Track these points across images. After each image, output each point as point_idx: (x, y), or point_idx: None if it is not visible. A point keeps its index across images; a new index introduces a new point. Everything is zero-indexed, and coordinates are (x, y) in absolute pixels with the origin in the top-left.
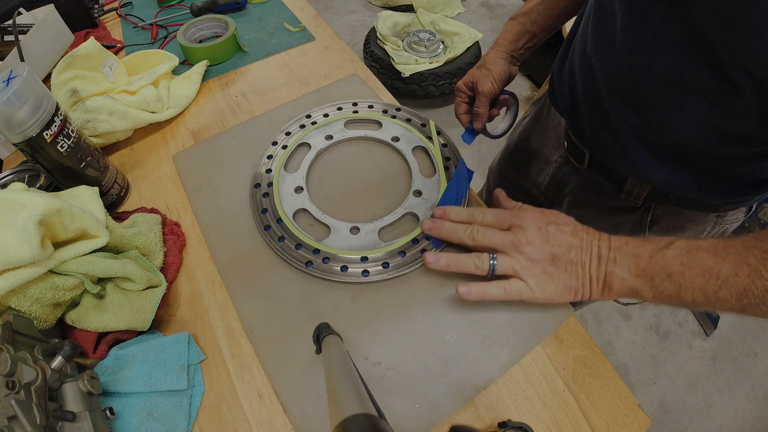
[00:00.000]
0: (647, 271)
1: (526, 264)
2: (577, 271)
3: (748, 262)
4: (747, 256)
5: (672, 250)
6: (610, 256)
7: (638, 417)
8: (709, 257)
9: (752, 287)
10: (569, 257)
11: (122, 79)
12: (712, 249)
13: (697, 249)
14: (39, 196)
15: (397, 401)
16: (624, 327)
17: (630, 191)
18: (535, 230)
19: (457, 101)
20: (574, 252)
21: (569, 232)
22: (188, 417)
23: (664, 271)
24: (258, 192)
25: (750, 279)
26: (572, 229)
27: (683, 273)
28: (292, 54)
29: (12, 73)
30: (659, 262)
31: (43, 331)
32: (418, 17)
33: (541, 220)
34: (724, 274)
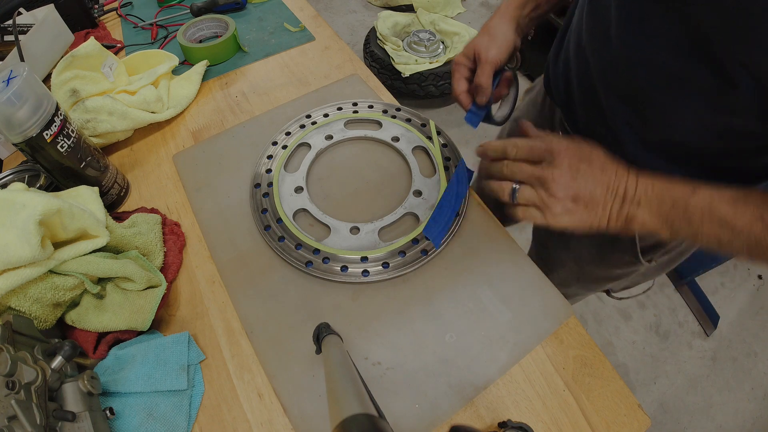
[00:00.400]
0: (669, 217)
1: (547, 199)
2: (597, 211)
3: (763, 218)
4: (764, 211)
5: (695, 198)
6: (635, 199)
7: (638, 417)
8: (729, 209)
9: (764, 240)
10: (593, 196)
11: (122, 79)
12: (732, 201)
13: (720, 200)
14: (39, 196)
15: (397, 401)
16: (624, 327)
17: None
18: (566, 167)
19: (455, 78)
20: (599, 191)
21: (599, 171)
22: (188, 417)
23: (685, 217)
24: (258, 192)
25: (763, 234)
26: (602, 167)
27: (702, 222)
28: (292, 54)
29: (12, 73)
30: (681, 208)
31: (43, 331)
32: (418, 17)
33: (574, 157)
34: (739, 226)
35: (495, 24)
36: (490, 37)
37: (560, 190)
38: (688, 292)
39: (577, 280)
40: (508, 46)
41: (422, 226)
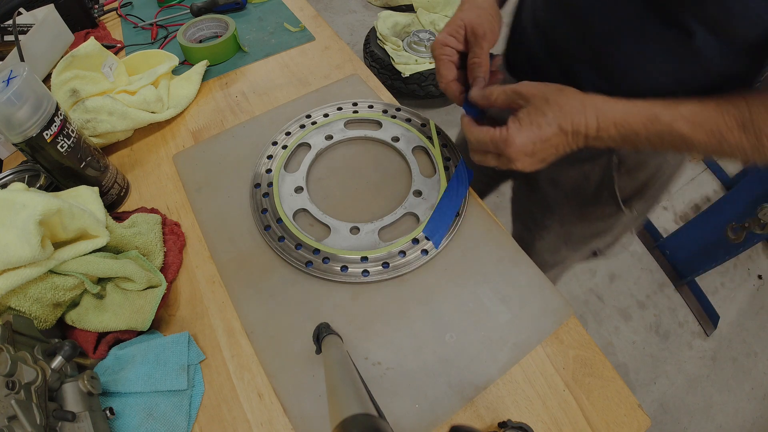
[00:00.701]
0: (630, 140)
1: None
2: (559, 156)
3: (719, 130)
4: (719, 124)
5: (656, 125)
6: (597, 136)
7: (638, 417)
8: (687, 127)
9: (719, 149)
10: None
11: (122, 79)
12: (691, 118)
13: (678, 121)
14: (39, 196)
15: (397, 401)
16: (624, 327)
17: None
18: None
19: (443, 62)
20: (561, 148)
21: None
22: (188, 417)
23: (646, 141)
24: (258, 192)
25: (719, 144)
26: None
27: (662, 141)
28: (292, 54)
29: (12, 73)
30: (642, 136)
31: (43, 331)
32: (418, 17)
33: (527, 146)
34: (697, 140)
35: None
36: (479, 10)
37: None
38: (688, 292)
39: (564, 243)
40: (499, 21)
41: (422, 226)
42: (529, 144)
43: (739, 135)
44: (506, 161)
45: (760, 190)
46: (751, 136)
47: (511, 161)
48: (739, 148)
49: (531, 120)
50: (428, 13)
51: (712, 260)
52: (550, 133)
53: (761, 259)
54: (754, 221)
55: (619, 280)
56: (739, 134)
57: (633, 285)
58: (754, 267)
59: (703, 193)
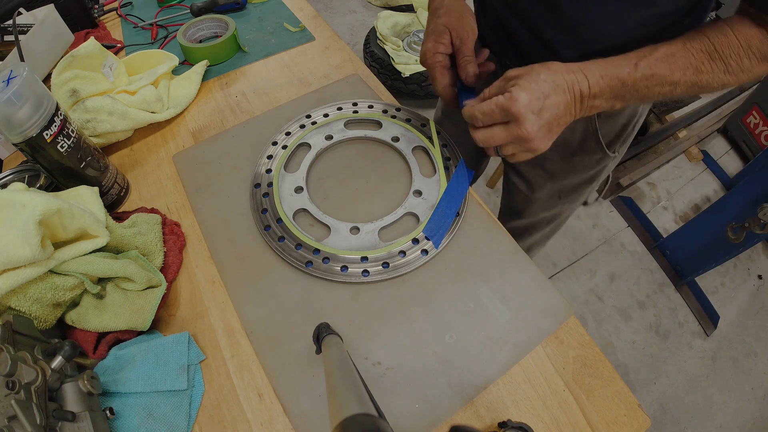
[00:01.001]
0: (620, 94)
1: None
2: (566, 118)
3: (691, 64)
4: (690, 58)
5: (639, 71)
6: (590, 94)
7: (638, 417)
8: (665, 68)
9: (697, 81)
10: (559, 113)
11: (122, 79)
12: (666, 59)
13: (657, 63)
14: (39, 196)
15: (397, 401)
16: (624, 327)
17: None
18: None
19: (438, 70)
20: (563, 107)
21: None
22: (188, 417)
23: (633, 89)
24: (258, 192)
25: (695, 76)
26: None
27: (648, 87)
28: (292, 54)
29: (12, 73)
30: (629, 85)
31: (43, 331)
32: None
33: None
34: (677, 78)
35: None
36: (456, 13)
37: (533, 133)
38: (688, 292)
39: (559, 198)
40: (473, 15)
41: (422, 226)
42: (534, 100)
43: (709, 64)
44: (515, 127)
45: (760, 190)
46: (719, 62)
47: (520, 122)
48: (714, 77)
49: (529, 80)
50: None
51: (712, 260)
52: (548, 88)
53: (761, 259)
54: (754, 221)
55: (619, 280)
56: (710, 63)
57: (633, 285)
58: (754, 267)
59: (703, 193)
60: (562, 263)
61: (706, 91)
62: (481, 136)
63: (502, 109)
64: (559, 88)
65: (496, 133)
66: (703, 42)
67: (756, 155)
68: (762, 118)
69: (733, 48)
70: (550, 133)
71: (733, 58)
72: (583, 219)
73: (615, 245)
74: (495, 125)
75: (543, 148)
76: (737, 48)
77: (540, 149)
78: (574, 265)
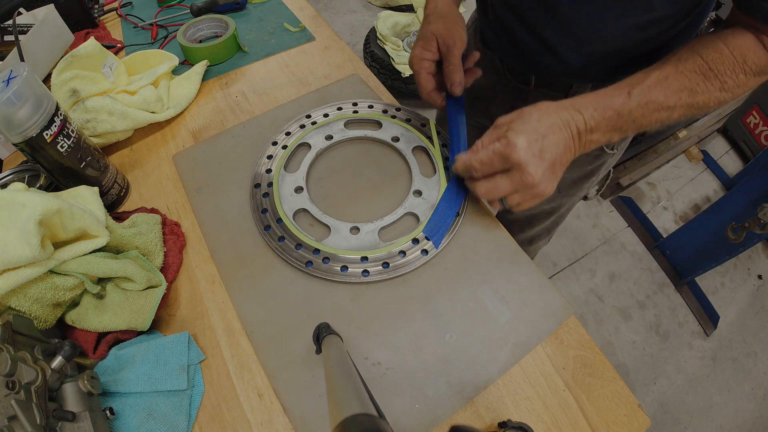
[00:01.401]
0: (617, 126)
1: (534, 190)
2: (567, 156)
3: (685, 85)
4: (684, 81)
5: (633, 99)
6: (587, 128)
7: (638, 417)
8: (660, 93)
9: (693, 102)
10: (559, 152)
11: (122, 79)
12: (659, 84)
13: (650, 90)
14: (39, 196)
15: (397, 401)
16: (624, 327)
17: (575, 91)
18: (531, 159)
19: (423, 76)
20: (563, 146)
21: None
22: (188, 417)
23: (630, 120)
24: (258, 192)
25: (691, 97)
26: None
27: (644, 116)
28: (292, 54)
29: (12, 73)
30: (625, 115)
31: (43, 331)
32: (418, 17)
33: (532, 144)
34: (672, 102)
35: (443, 9)
36: (445, 20)
37: (538, 178)
38: (688, 292)
39: (558, 191)
40: (463, 24)
41: (422, 226)
42: (532, 141)
43: (704, 84)
44: (518, 174)
45: (760, 190)
46: (714, 80)
47: (522, 168)
48: (710, 96)
49: (523, 123)
50: None
51: (712, 260)
52: (544, 128)
53: (761, 259)
54: (754, 221)
55: (619, 280)
56: (705, 83)
57: (633, 285)
58: (754, 267)
59: (703, 193)
60: (562, 263)
61: (702, 112)
62: (483, 189)
63: (502, 157)
64: (555, 126)
65: (500, 184)
66: (696, 62)
67: (756, 155)
68: (762, 118)
69: (727, 64)
70: (554, 175)
71: (729, 74)
72: (583, 219)
73: (615, 245)
74: (496, 175)
75: (549, 192)
76: (732, 64)
77: (546, 193)
78: (574, 265)
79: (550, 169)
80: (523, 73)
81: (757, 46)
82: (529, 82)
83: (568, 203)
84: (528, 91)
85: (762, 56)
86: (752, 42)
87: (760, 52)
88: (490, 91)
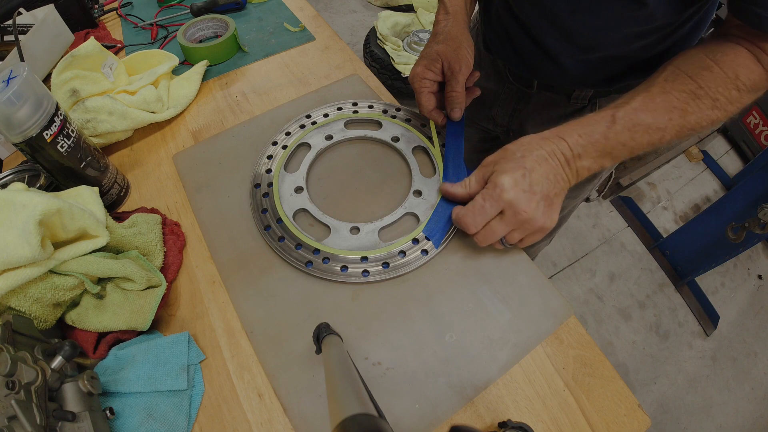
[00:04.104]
0: (606, 150)
1: (532, 226)
2: (560, 184)
3: (675, 106)
4: (672, 101)
5: (618, 124)
6: (574, 154)
7: (638, 417)
8: (647, 115)
9: (685, 123)
10: (551, 185)
11: (122, 79)
12: (645, 105)
13: (636, 112)
14: (39, 196)
15: (397, 401)
16: (624, 327)
17: (577, 96)
18: (521, 196)
19: (423, 94)
20: (552, 176)
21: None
22: (188, 417)
23: (618, 143)
24: (258, 192)
25: (682, 118)
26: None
27: (633, 138)
28: (292, 54)
29: (12, 73)
30: (612, 138)
31: (43, 331)
32: (418, 17)
33: (519, 181)
34: (662, 124)
35: (453, 27)
36: (454, 43)
37: (532, 213)
38: (688, 292)
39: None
40: (472, 48)
41: (422, 226)
42: (519, 179)
43: (695, 103)
44: (511, 213)
45: (760, 190)
46: (705, 99)
47: (514, 207)
48: (702, 115)
49: (507, 162)
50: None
51: (712, 260)
52: (530, 162)
53: (761, 259)
54: (754, 221)
55: (619, 280)
56: (695, 102)
57: (633, 285)
58: (754, 267)
59: (703, 193)
60: (562, 263)
61: (696, 132)
62: (481, 239)
63: (492, 201)
64: (540, 158)
65: (495, 228)
66: (684, 81)
67: (756, 155)
68: (762, 118)
69: (719, 81)
70: (551, 206)
71: (721, 92)
72: (583, 219)
73: (615, 245)
74: (490, 222)
75: (550, 224)
76: (724, 80)
77: (547, 226)
78: (574, 265)
79: (544, 201)
80: (525, 77)
81: (749, 60)
82: (531, 85)
83: (569, 206)
84: (530, 94)
85: (755, 71)
86: (745, 56)
87: (753, 67)
88: (493, 95)
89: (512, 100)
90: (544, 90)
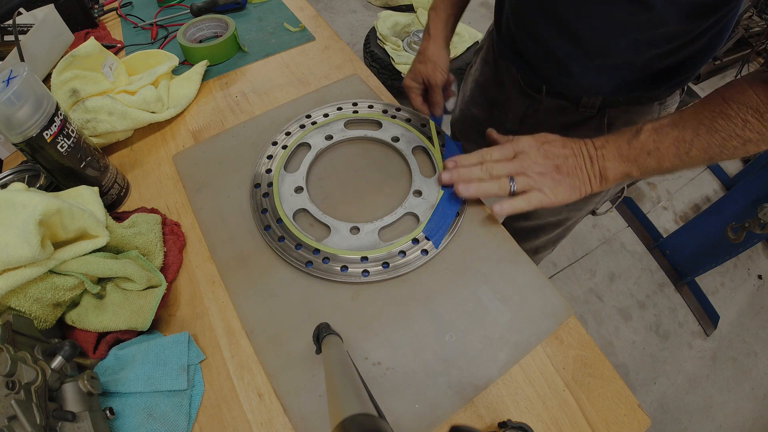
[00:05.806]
0: (630, 156)
1: (538, 178)
2: (578, 174)
3: (703, 123)
4: (701, 118)
5: (643, 133)
6: (598, 154)
7: (638, 417)
8: (673, 129)
9: (712, 140)
10: (568, 164)
11: (122, 79)
12: (673, 122)
13: (662, 126)
14: (39, 196)
15: (397, 401)
16: (624, 327)
17: (586, 104)
18: (535, 152)
19: (412, 97)
20: (571, 159)
21: (560, 145)
22: (188, 417)
23: (643, 150)
24: (258, 192)
25: (709, 134)
26: (562, 143)
27: (658, 148)
28: (292, 54)
29: (12, 73)
30: (636, 145)
31: (43, 331)
32: (418, 17)
33: (537, 142)
34: (689, 137)
35: (433, 52)
36: (432, 63)
37: (543, 167)
38: (688, 292)
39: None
40: (447, 66)
41: (422, 226)
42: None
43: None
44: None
45: (760, 190)
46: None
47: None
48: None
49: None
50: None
51: (712, 260)
52: (551, 137)
53: (761, 259)
54: (754, 221)
55: (619, 280)
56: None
57: (633, 285)
58: (754, 267)
59: (703, 193)
60: (562, 263)
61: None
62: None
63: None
64: (559, 140)
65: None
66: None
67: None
68: None
69: (750, 103)
70: (560, 183)
71: (751, 113)
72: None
73: (615, 245)
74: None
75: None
76: (755, 103)
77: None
78: (574, 265)
79: (552, 164)
80: (535, 83)
81: None
82: (541, 90)
83: (575, 216)
84: (540, 99)
85: None
86: None
87: None
88: (505, 99)
89: (522, 106)
90: (554, 97)
